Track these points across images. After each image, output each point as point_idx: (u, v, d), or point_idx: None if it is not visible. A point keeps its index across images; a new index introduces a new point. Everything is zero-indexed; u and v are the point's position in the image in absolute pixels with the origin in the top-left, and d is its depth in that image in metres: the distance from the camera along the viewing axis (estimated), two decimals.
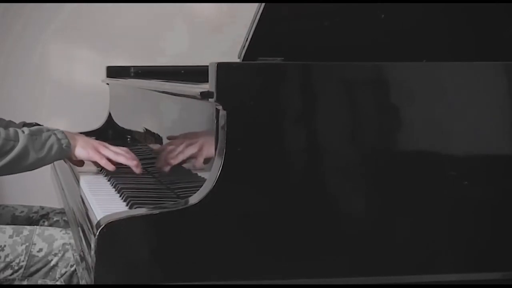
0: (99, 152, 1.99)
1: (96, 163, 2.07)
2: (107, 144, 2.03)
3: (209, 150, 1.53)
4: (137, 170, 1.97)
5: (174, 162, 1.83)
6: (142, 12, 3.51)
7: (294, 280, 1.44)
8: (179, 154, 1.80)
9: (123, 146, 2.11)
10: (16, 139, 1.85)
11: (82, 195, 1.85)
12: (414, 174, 1.48)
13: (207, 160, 1.56)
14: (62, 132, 1.94)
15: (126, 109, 2.65)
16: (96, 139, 2.37)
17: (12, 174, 1.90)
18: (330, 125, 1.46)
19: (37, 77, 3.55)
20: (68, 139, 1.93)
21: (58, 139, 1.90)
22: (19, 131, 1.87)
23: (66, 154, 1.94)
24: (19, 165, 1.87)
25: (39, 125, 2.36)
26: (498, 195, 1.51)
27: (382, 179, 1.47)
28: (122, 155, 1.98)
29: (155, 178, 1.99)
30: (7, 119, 2.40)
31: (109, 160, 1.99)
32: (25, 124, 2.36)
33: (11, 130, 1.87)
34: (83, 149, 1.97)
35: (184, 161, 1.77)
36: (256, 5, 1.52)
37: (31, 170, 1.91)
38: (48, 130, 1.92)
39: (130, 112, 2.57)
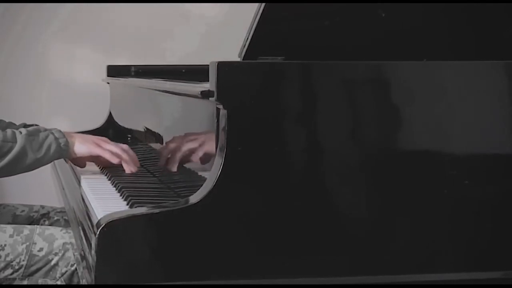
0: (100, 146, 1.97)
1: (98, 161, 2.07)
2: (107, 139, 2.03)
3: (210, 145, 1.53)
4: (128, 169, 1.96)
5: (174, 159, 1.82)
6: (143, 11, 3.51)
7: (294, 280, 1.44)
8: (179, 148, 1.79)
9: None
10: (14, 140, 1.84)
11: (83, 194, 1.85)
12: (414, 174, 1.48)
13: (208, 156, 1.56)
14: (60, 131, 1.93)
15: (127, 108, 2.65)
16: None
17: (11, 175, 1.89)
18: (331, 125, 1.46)
19: (37, 77, 3.55)
20: (66, 137, 1.92)
21: (56, 138, 1.89)
22: (17, 132, 1.86)
23: (64, 153, 1.93)
24: (17, 166, 1.86)
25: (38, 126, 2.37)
26: (498, 195, 1.51)
27: (382, 179, 1.47)
28: (124, 152, 1.98)
29: (156, 177, 1.99)
30: (7, 119, 2.40)
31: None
32: (25, 126, 2.35)
33: (8, 131, 1.86)
34: (82, 145, 1.96)
35: (185, 157, 1.77)
36: (256, 4, 1.52)
37: (30, 170, 1.90)
38: (46, 129, 1.91)
39: (131, 111, 2.57)
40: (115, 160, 1.96)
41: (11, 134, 1.85)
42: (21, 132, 1.86)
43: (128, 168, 1.98)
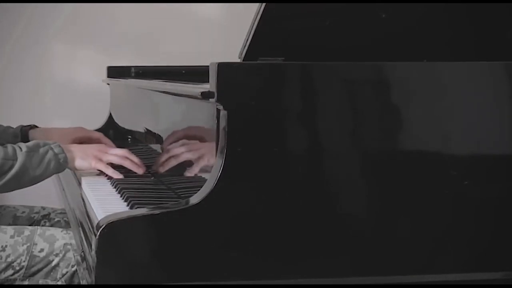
0: (101, 160, 1.98)
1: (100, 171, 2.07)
2: (106, 148, 2.02)
3: (209, 159, 1.53)
4: (140, 171, 1.98)
5: (168, 164, 1.83)
6: (143, 12, 3.51)
7: (295, 280, 1.44)
8: (174, 158, 1.81)
9: (123, 147, 2.10)
10: (15, 158, 1.84)
11: (83, 195, 1.85)
12: (415, 174, 1.48)
13: (207, 168, 1.56)
14: (59, 145, 1.92)
15: (127, 109, 2.65)
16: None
17: (10, 191, 1.90)
18: (331, 125, 1.46)
19: (38, 78, 3.55)
20: (66, 152, 1.92)
21: (55, 154, 1.89)
22: (17, 148, 1.86)
23: (63, 169, 1.93)
24: (18, 183, 1.86)
25: (36, 126, 2.36)
26: (498, 195, 1.51)
27: (383, 179, 1.47)
28: (127, 160, 1.98)
29: (156, 178, 1.99)
30: (8, 120, 2.40)
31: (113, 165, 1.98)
32: (22, 127, 2.35)
33: (9, 148, 1.85)
34: (83, 160, 1.96)
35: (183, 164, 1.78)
36: (257, 5, 1.52)
37: (29, 186, 1.90)
38: (45, 144, 1.91)
39: (131, 112, 2.57)
40: (117, 176, 1.97)
41: (12, 151, 1.85)
42: (21, 149, 1.86)
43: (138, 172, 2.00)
